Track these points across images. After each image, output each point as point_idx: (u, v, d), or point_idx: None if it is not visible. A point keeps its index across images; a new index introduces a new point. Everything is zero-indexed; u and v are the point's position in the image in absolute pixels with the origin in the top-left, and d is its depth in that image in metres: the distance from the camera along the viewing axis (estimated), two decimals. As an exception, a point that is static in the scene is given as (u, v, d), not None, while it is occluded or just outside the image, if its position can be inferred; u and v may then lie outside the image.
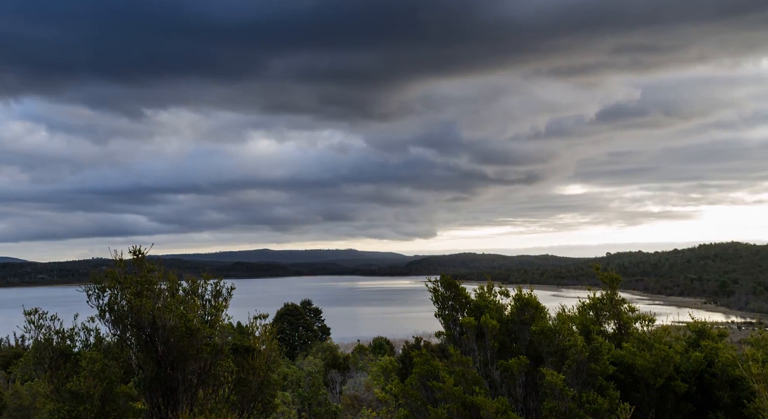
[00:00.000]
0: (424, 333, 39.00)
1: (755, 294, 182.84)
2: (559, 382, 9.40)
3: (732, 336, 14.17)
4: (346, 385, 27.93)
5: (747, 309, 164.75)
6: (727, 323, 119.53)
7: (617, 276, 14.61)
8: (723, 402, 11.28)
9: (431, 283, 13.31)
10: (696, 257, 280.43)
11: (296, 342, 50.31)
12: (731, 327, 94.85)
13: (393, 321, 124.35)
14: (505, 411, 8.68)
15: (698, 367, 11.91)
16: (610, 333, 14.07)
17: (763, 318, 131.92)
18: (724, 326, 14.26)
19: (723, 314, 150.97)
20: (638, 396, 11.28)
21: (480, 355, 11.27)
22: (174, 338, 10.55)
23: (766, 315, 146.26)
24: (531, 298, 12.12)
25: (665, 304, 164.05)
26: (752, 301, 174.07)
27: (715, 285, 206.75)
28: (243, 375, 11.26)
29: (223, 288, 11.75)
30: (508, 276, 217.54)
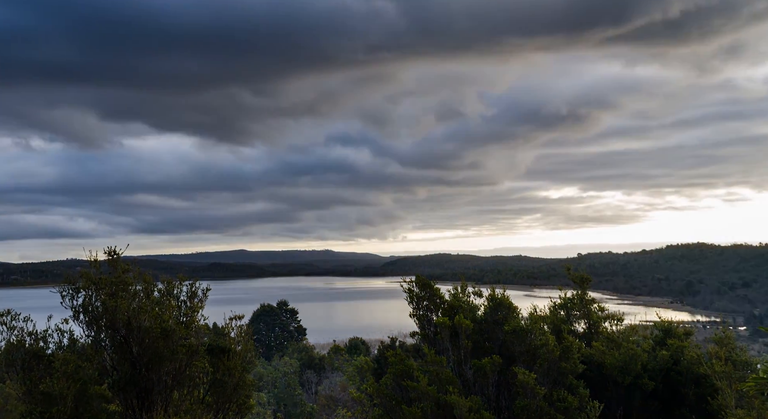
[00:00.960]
0: (399, 333, 39.02)
1: (719, 293, 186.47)
2: (531, 381, 9.49)
3: (697, 334, 14.43)
4: (321, 385, 27.83)
5: (711, 309, 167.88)
6: (693, 322, 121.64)
7: (587, 276, 14.80)
8: (688, 399, 11.48)
9: (406, 284, 13.34)
10: (663, 258, 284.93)
11: (272, 342, 50.00)
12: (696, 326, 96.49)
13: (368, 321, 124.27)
14: (478, 410, 8.72)
15: (665, 365, 12.11)
16: (580, 333, 14.25)
17: (726, 317, 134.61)
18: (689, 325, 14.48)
19: (689, 313, 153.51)
20: (607, 394, 11.43)
21: (454, 355, 11.32)
22: (149, 339, 10.42)
23: (729, 314, 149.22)
24: (504, 298, 12.22)
25: (633, 304, 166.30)
26: (716, 301, 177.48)
27: (681, 285, 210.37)
28: (218, 376, 11.15)
29: (199, 289, 11.64)
30: (481, 277, 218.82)
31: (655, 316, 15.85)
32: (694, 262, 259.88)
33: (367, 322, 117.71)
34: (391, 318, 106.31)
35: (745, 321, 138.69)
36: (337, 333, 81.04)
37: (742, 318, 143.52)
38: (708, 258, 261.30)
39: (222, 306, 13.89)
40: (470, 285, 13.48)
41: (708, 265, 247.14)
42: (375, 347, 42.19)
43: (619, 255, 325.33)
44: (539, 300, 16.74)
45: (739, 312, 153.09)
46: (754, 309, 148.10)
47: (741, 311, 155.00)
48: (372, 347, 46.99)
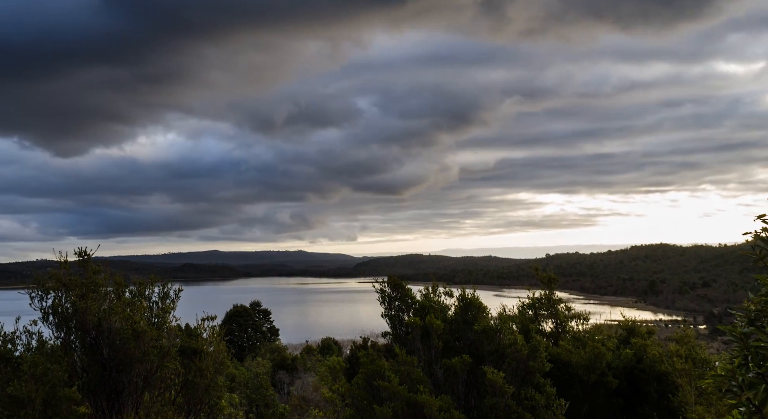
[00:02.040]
0: (371, 333, 39.01)
1: (681, 293, 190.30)
2: (499, 380, 9.56)
3: (659, 333, 14.72)
4: (294, 386, 27.68)
5: (673, 308, 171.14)
6: (655, 321, 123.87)
7: (555, 276, 14.99)
8: (650, 396, 11.69)
9: (378, 284, 13.35)
10: (628, 258, 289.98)
11: (245, 343, 49.58)
12: (659, 325, 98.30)
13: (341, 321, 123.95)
14: (448, 409, 8.76)
15: (628, 364, 12.32)
16: (548, 332, 14.41)
17: (687, 316, 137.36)
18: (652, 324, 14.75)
19: (652, 312, 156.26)
20: (573, 392, 11.58)
21: (425, 355, 11.35)
22: (120, 340, 10.25)
23: (690, 313, 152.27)
24: (474, 298, 12.29)
25: (599, 303, 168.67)
26: (678, 300, 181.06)
27: (645, 284, 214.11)
28: (190, 378, 11.02)
29: (171, 290, 11.50)
30: (452, 277, 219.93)
31: (620, 315, 16.12)
32: (657, 263, 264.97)
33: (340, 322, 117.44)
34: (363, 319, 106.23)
35: (705, 319, 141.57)
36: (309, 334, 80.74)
37: (702, 317, 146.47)
38: (670, 259, 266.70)
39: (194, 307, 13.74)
40: (441, 286, 13.55)
41: (670, 265, 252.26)
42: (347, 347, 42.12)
43: (586, 256, 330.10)
44: (508, 300, 16.89)
45: (699, 312, 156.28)
46: (713, 308, 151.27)
47: (701, 310, 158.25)
48: (344, 347, 46.90)
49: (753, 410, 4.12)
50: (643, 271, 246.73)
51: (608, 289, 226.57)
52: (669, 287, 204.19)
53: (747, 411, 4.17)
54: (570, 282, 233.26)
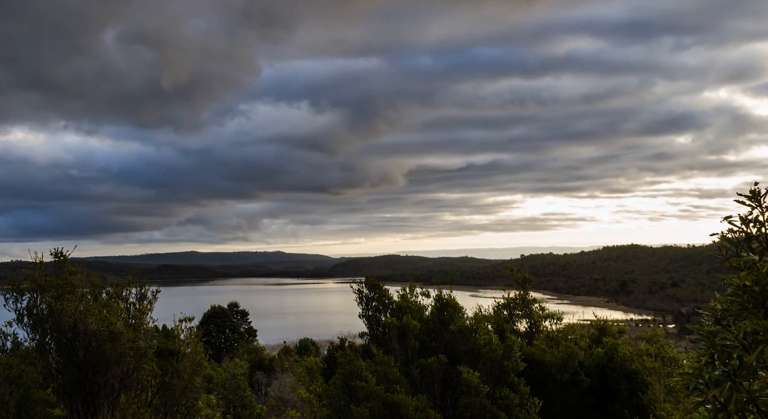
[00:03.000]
0: (349, 334, 38.94)
1: (651, 293, 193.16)
2: (475, 379, 9.62)
3: (630, 332, 14.93)
4: (271, 387, 27.51)
5: (644, 307, 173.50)
6: (626, 320, 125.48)
7: (529, 277, 15.13)
8: (621, 394, 11.86)
9: (356, 285, 13.35)
10: (600, 258, 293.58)
11: (222, 344, 49.15)
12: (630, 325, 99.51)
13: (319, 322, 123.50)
14: (424, 409, 8.79)
15: (600, 362, 12.48)
16: (522, 331, 14.53)
17: (657, 316, 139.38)
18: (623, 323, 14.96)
19: (623, 312, 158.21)
20: (546, 391, 11.69)
21: (401, 355, 11.37)
22: (96, 342, 10.10)
23: (660, 313, 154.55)
24: (450, 299, 12.35)
25: (572, 303, 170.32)
26: (648, 300, 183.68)
27: (616, 284, 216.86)
28: (167, 379, 10.91)
29: (148, 291, 11.38)
30: (429, 278, 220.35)
31: (592, 315, 16.32)
32: (628, 263, 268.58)
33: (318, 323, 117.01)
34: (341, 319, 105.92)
35: (673, 319, 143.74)
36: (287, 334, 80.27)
37: (671, 317, 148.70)
38: (641, 259, 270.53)
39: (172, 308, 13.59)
40: (418, 286, 13.59)
41: (641, 266, 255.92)
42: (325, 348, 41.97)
43: (560, 257, 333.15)
44: (484, 301, 17.00)
45: (668, 311, 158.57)
46: (682, 308, 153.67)
47: (670, 310, 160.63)
48: (322, 348, 46.73)
49: (719, 407, 4.20)
50: (615, 272, 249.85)
51: (581, 289, 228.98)
52: (639, 287, 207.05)
53: (713, 408, 4.24)
54: (544, 282, 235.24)
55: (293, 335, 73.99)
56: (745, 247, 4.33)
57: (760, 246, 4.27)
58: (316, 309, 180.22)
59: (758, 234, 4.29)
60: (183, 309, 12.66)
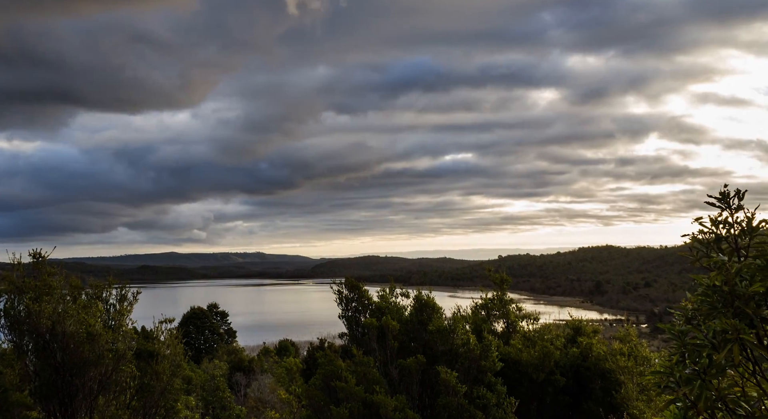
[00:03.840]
0: (328, 334, 38.80)
1: (624, 293, 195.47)
2: (452, 379, 9.65)
3: (604, 332, 15.11)
4: (250, 388, 27.29)
5: (617, 307, 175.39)
6: (601, 320, 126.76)
7: (507, 277, 15.23)
8: (595, 392, 11.98)
9: (336, 286, 13.33)
10: (576, 259, 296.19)
11: (202, 345, 48.69)
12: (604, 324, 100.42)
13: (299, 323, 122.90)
14: (403, 409, 8.79)
15: (575, 362, 12.60)
16: (499, 331, 14.62)
17: (630, 315, 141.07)
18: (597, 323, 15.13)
19: (597, 312, 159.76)
20: (522, 390, 11.77)
21: (381, 355, 11.38)
22: (74, 344, 9.95)
23: (633, 313, 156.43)
24: (429, 299, 12.39)
25: (548, 303, 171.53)
26: (622, 300, 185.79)
27: (591, 285, 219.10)
28: (146, 380, 10.78)
29: (128, 292, 11.24)
30: (409, 279, 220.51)
31: (568, 315, 16.48)
32: (602, 264, 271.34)
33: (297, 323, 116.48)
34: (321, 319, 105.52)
35: (646, 318, 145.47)
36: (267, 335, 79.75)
37: (644, 316, 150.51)
38: (615, 260, 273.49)
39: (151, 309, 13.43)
40: (397, 287, 13.61)
41: (615, 266, 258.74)
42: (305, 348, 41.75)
43: (537, 258, 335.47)
44: (462, 301, 17.07)
45: (641, 311, 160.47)
46: (654, 308, 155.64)
47: (643, 309, 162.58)
48: (302, 348, 46.49)
49: (689, 405, 4.27)
50: (590, 272, 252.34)
51: (557, 290, 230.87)
52: (614, 287, 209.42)
53: (683, 406, 4.32)
54: (521, 282, 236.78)
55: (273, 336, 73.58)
56: (714, 248, 4.42)
57: (729, 247, 4.35)
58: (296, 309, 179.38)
59: (727, 235, 4.38)
60: (162, 310, 12.53)
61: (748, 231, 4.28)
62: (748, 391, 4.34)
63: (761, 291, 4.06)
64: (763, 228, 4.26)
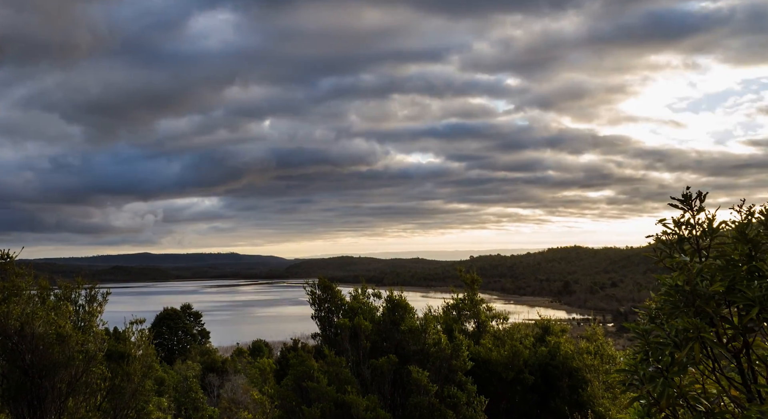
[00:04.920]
0: (302, 335, 38.56)
1: (592, 293, 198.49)
2: (424, 379, 9.66)
3: (572, 331, 15.29)
4: (224, 389, 27.00)
5: (585, 307, 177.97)
6: (569, 320, 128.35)
7: (478, 278, 15.30)
8: (562, 390, 12.11)
9: (309, 286, 13.24)
10: (545, 260, 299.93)
11: (175, 346, 48.03)
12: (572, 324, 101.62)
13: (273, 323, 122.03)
14: (374, 408, 8.77)
15: (543, 361, 12.71)
16: (470, 331, 14.68)
17: (597, 315, 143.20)
18: (565, 322, 15.33)
19: (566, 311, 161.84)
20: (492, 389, 11.84)
21: (353, 355, 11.33)
22: (43, 345, 9.71)
23: (600, 312, 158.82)
24: (401, 300, 12.38)
25: (518, 303, 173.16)
26: (589, 299, 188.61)
27: (560, 285, 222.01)
28: (117, 382, 10.57)
29: (98, 293, 11.02)
30: (382, 279, 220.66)
31: (537, 315, 16.64)
32: (571, 264, 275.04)
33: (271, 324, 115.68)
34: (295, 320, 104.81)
35: (613, 318, 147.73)
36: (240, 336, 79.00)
37: (610, 315, 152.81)
38: (583, 260, 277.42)
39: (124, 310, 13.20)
40: (370, 288, 13.58)
41: (583, 267, 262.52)
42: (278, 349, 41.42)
43: (507, 258, 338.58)
44: (434, 301, 17.11)
45: (608, 310, 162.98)
46: (620, 307, 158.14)
47: (609, 309, 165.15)
48: (275, 349, 46.16)
49: (652, 402, 4.33)
50: (559, 272, 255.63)
51: (527, 290, 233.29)
52: (581, 287, 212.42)
53: (647, 403, 4.37)
54: (492, 283, 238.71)
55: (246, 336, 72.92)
56: (677, 249, 4.49)
57: (691, 248, 4.42)
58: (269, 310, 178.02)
59: (689, 236, 4.45)
60: (135, 311, 12.32)
61: (708, 232, 4.36)
62: (708, 388, 4.42)
63: (721, 290, 4.13)
64: (723, 230, 4.34)
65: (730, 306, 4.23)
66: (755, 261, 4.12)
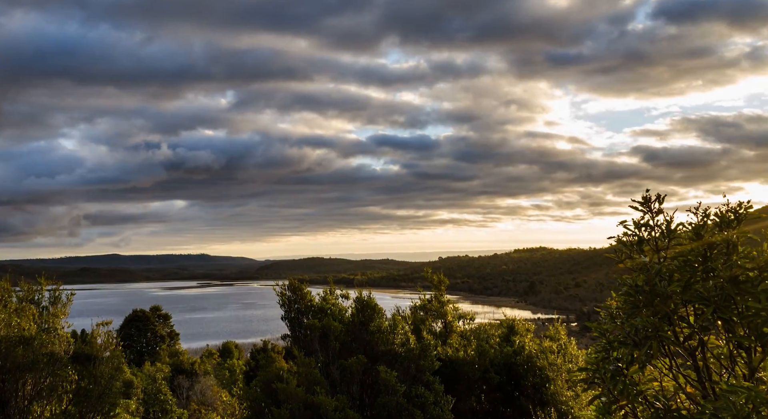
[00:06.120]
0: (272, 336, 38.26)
1: (556, 293, 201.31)
2: (392, 379, 9.64)
3: (537, 331, 15.47)
4: (193, 391, 26.59)
5: (549, 307, 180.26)
6: (534, 319, 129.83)
7: (445, 279, 15.36)
8: (527, 389, 12.23)
9: (279, 287, 13.11)
10: (511, 261, 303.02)
11: (144, 348, 47.12)
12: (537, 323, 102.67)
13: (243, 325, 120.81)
14: (343, 409, 8.72)
15: (509, 360, 12.82)
16: (437, 331, 14.72)
17: (561, 314, 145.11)
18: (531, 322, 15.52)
19: (531, 311, 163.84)
20: (459, 388, 11.89)
21: (322, 356, 11.25)
22: (5, 348, 9.42)
23: (564, 312, 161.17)
24: (370, 300, 12.35)
25: (485, 303, 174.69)
26: (554, 299, 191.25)
27: (525, 285, 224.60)
28: (83, 385, 10.30)
29: (63, 294, 10.73)
30: (351, 280, 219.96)
31: (503, 315, 16.78)
32: (536, 265, 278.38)
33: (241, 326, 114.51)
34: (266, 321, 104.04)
35: (576, 317, 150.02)
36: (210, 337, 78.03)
37: (574, 315, 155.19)
38: (548, 261, 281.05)
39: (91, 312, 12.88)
40: (339, 288, 13.50)
41: (548, 267, 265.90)
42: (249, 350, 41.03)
43: (475, 259, 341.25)
44: (403, 302, 17.12)
45: (571, 310, 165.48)
46: (583, 307, 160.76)
47: (573, 308, 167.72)
48: (245, 351, 45.71)
49: (612, 399, 4.40)
50: (525, 273, 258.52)
51: (493, 290, 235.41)
52: (546, 287, 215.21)
53: (608, 400, 4.43)
54: (459, 283, 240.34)
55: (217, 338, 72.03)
56: (637, 250, 4.57)
57: (650, 249, 4.51)
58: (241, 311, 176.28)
59: (649, 237, 4.53)
60: (103, 313, 12.04)
61: (667, 233, 4.45)
62: (665, 385, 4.50)
63: (678, 290, 4.22)
64: (681, 231, 4.44)
65: (687, 306, 4.32)
66: (710, 262, 4.21)
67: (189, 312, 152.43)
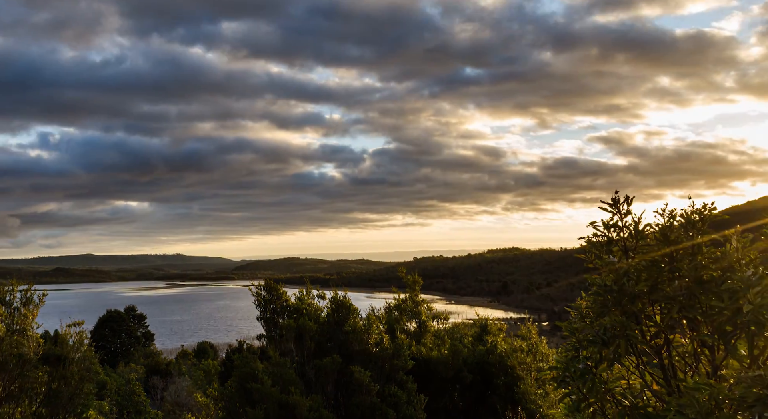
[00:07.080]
0: (247, 336, 37.91)
1: (528, 293, 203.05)
2: (366, 378, 9.60)
3: (509, 330, 15.57)
4: (168, 391, 26.19)
5: (522, 306, 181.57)
6: (506, 319, 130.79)
7: (419, 279, 15.37)
8: (499, 388, 12.29)
9: (255, 288, 12.98)
10: (485, 261, 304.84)
11: (118, 349, 46.31)
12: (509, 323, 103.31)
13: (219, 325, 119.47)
14: (318, 409, 8.66)
15: (481, 359, 12.87)
16: (411, 331, 14.73)
17: (533, 314, 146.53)
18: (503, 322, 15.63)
19: (503, 311, 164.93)
20: (432, 387, 11.89)
21: (298, 356, 11.17)
22: (-27, 350, 9.14)
23: (536, 311, 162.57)
24: (345, 301, 12.30)
25: (459, 304, 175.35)
26: (526, 299, 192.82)
27: (498, 285, 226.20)
28: (54, 386, 10.05)
29: (34, 294, 10.47)
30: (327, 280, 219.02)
31: (476, 315, 16.84)
32: (509, 265, 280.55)
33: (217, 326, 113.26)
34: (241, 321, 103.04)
35: (548, 317, 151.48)
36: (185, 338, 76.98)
37: (546, 315, 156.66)
38: (520, 262, 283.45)
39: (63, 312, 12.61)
40: (315, 289, 13.43)
41: (520, 268, 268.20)
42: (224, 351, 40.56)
43: (449, 259, 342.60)
44: (378, 302, 17.09)
45: (543, 310, 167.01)
46: (554, 307, 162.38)
47: (545, 308, 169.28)
48: (221, 351, 45.21)
49: (581, 397, 4.42)
50: (497, 273, 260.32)
51: (467, 290, 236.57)
52: (519, 287, 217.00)
53: (577, 398, 4.46)
54: (434, 284, 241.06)
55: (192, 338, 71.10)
56: (606, 250, 4.61)
57: (619, 250, 4.55)
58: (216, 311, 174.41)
59: (618, 238, 4.57)
60: (76, 313, 11.78)
61: (635, 234, 4.50)
62: (632, 383, 4.55)
63: (645, 290, 4.26)
64: (648, 232, 4.49)
65: (654, 305, 4.37)
66: (676, 262, 4.27)
67: (161, 314, 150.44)
